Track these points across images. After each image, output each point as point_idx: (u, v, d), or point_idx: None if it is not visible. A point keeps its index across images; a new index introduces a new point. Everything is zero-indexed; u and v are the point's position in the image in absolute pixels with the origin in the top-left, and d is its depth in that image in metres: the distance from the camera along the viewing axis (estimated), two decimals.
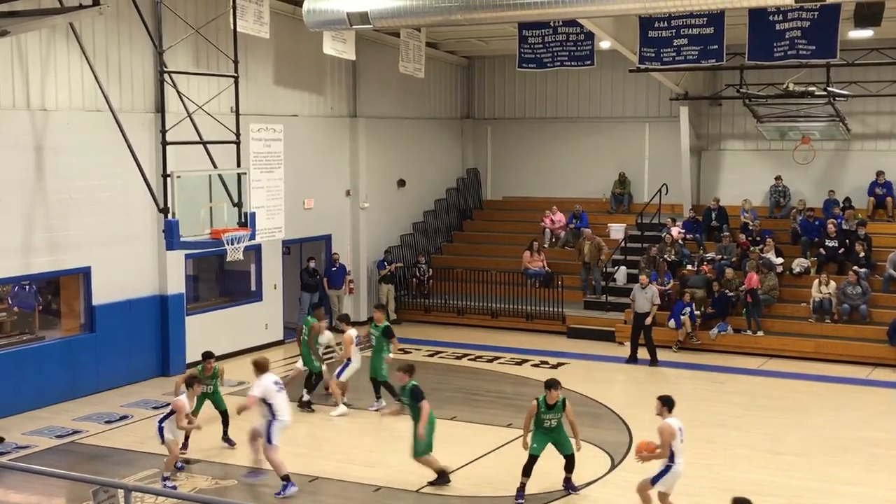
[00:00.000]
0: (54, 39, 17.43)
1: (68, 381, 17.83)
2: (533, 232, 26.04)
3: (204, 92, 18.58)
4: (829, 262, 22.78)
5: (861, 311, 21.34)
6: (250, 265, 21.83)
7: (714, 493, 13.46)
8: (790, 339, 21.40)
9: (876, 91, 23.82)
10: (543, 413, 12.99)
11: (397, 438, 15.96)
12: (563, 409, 13.05)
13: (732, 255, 23.29)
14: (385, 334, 17.28)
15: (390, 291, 25.00)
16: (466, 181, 28.83)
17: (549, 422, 13.04)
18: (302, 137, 22.78)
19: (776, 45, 18.62)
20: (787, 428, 16.46)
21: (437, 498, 13.38)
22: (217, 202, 15.91)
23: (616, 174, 26.99)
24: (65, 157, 17.68)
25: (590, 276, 24.36)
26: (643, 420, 16.60)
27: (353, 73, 24.48)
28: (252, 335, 21.68)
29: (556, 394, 12.92)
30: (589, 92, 27.59)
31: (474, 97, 29.17)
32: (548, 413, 13.00)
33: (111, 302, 18.60)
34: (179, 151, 16.89)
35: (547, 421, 13.02)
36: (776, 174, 25.28)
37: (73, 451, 15.36)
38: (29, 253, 17.23)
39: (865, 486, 13.87)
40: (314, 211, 23.36)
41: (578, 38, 20.75)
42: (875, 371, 20.18)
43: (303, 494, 13.46)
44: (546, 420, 13.01)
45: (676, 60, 19.66)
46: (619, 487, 13.73)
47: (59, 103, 17.71)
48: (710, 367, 20.48)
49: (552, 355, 21.47)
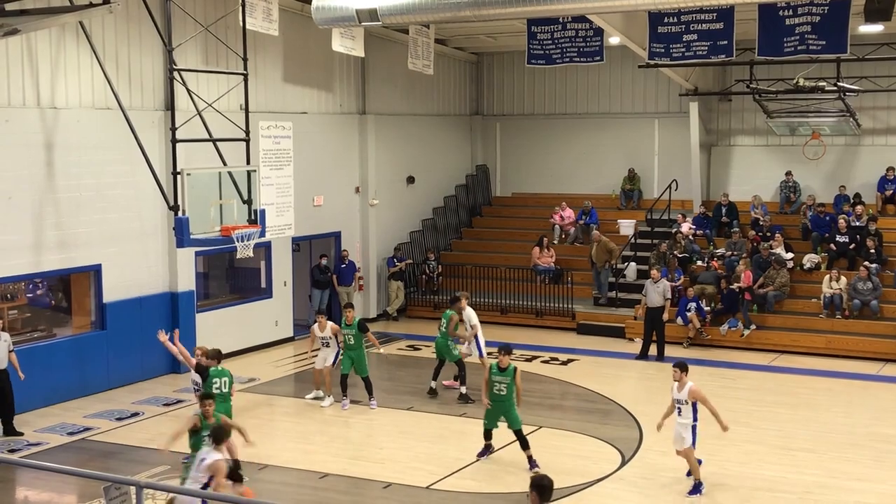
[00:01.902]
0: (64, 38, 17.47)
1: (79, 378, 17.89)
2: (542, 228, 26.01)
3: (213, 89, 18.61)
4: (839, 257, 22.72)
5: (872, 307, 21.29)
6: (260, 262, 21.86)
7: (725, 490, 13.45)
8: (801, 335, 21.35)
9: (886, 86, 23.75)
10: (494, 375, 13.90)
11: (407, 436, 16.00)
12: (514, 377, 13.81)
13: (742, 252, 23.25)
14: (360, 329, 17.28)
15: (400, 288, 25.02)
16: (475, 178, 28.83)
17: (499, 386, 13.89)
18: (311, 134, 22.80)
19: (786, 40, 18.57)
20: (797, 424, 16.42)
21: (447, 494, 13.39)
22: (227, 199, 15.93)
23: (626, 170, 26.94)
24: (75, 154, 17.72)
25: (599, 278, 24.10)
26: (653, 416, 16.59)
27: (362, 70, 24.49)
28: (262, 332, 21.72)
29: (506, 359, 13.89)
30: (598, 88, 27.55)
31: (483, 94, 29.16)
32: (498, 376, 13.89)
33: (122, 299, 18.65)
34: (189, 149, 16.91)
35: (496, 385, 13.89)
36: (786, 170, 25.21)
37: (85, 448, 15.41)
38: (40, 251, 17.29)
39: (876, 483, 13.83)
40: (324, 208, 23.38)
41: (587, 34, 20.71)
42: (886, 367, 20.12)
43: (312, 491, 13.49)
44: (496, 384, 13.89)
45: (686, 56, 19.62)
46: (630, 483, 13.73)
47: (69, 101, 17.75)
48: (720, 363, 20.45)
49: (562, 351, 21.46)
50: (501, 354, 13.96)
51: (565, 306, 23.88)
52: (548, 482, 8.43)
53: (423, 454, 14.93)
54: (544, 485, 8.41)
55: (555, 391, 18.20)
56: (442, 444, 15.42)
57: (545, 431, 15.56)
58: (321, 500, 13.25)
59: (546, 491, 8.38)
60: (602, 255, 24.01)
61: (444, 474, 13.96)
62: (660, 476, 13.95)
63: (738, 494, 13.34)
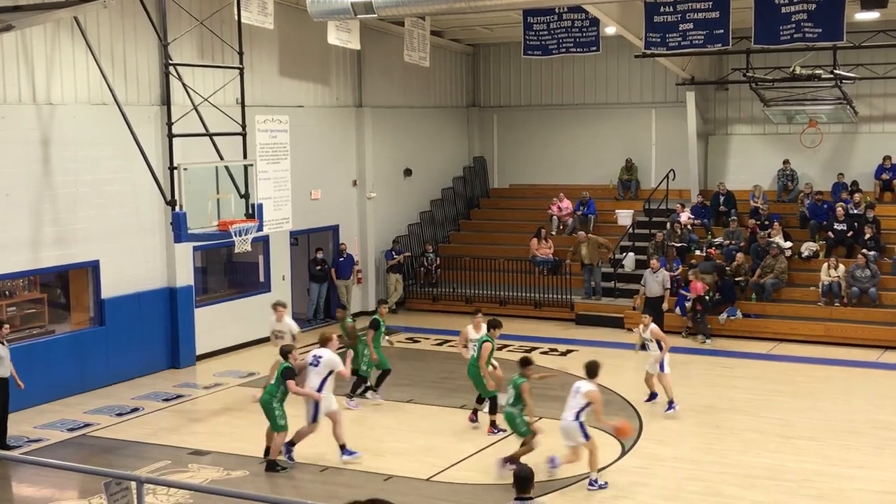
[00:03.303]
0: (59, 33, 17.43)
1: (79, 374, 17.89)
2: (540, 220, 26.02)
3: (209, 84, 18.56)
4: (837, 245, 22.72)
5: (870, 294, 21.30)
6: (258, 256, 21.84)
7: (725, 478, 13.47)
8: (799, 323, 21.37)
9: (883, 73, 23.74)
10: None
11: (408, 428, 16.01)
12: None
13: (741, 240, 23.25)
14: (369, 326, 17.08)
15: (398, 281, 25.03)
16: (473, 169, 28.81)
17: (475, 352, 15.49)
18: (308, 128, 22.77)
19: (782, 28, 18.53)
20: (796, 412, 16.44)
21: (447, 486, 13.40)
22: (224, 194, 15.91)
23: (623, 160, 26.93)
24: (71, 150, 17.70)
25: (592, 277, 23.88)
26: (652, 407, 16.62)
27: (358, 62, 24.45)
28: (261, 326, 21.66)
29: (496, 332, 15.72)
30: (595, 78, 27.52)
31: (479, 85, 29.13)
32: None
33: (120, 295, 18.64)
34: (186, 144, 16.86)
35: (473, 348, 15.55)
36: (784, 158, 25.21)
37: (85, 443, 15.42)
38: (37, 247, 17.27)
39: (875, 470, 13.85)
40: (321, 201, 23.37)
41: (584, 25, 20.68)
42: (885, 354, 20.14)
43: (314, 484, 13.50)
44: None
45: (682, 45, 19.58)
46: (630, 473, 13.74)
47: (65, 97, 17.72)
48: (719, 352, 20.47)
49: (561, 342, 21.47)
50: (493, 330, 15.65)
51: (564, 297, 23.89)
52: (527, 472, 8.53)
53: (424, 446, 14.95)
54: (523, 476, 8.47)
55: (554, 382, 18.19)
56: (442, 436, 15.43)
57: (544, 423, 15.52)
58: (321, 492, 13.25)
59: (525, 482, 8.45)
60: (595, 252, 23.78)
61: (445, 466, 13.97)
62: (659, 465, 13.96)
63: (738, 482, 13.36)
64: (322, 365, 14.03)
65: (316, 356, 14.13)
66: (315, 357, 14.13)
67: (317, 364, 14.04)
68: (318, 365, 14.04)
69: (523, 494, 8.43)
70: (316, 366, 14.04)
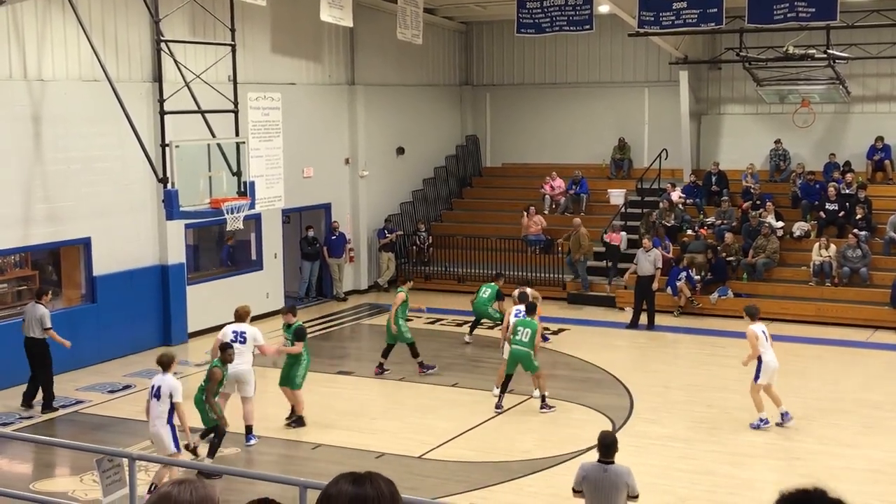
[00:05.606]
0: (50, 9, 17.33)
1: (70, 351, 17.81)
2: (533, 199, 26.00)
3: (201, 61, 18.49)
4: (829, 225, 22.77)
5: (861, 274, 21.37)
6: (250, 234, 21.81)
7: (716, 456, 13.55)
8: (790, 303, 21.43)
9: (876, 53, 23.69)
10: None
11: (399, 406, 16.06)
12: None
13: (732, 220, 23.28)
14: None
15: (391, 259, 25.02)
16: (465, 148, 28.76)
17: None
18: (300, 106, 22.70)
19: (776, 7, 18.52)
20: (787, 391, 16.44)
21: (438, 464, 13.45)
22: (216, 171, 15.89)
23: (616, 139, 26.91)
24: (62, 127, 17.63)
25: (577, 270, 23.49)
26: (644, 385, 16.69)
27: (351, 40, 24.35)
28: (253, 304, 21.60)
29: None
30: (588, 57, 27.45)
31: (473, 63, 29.04)
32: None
33: (112, 272, 18.62)
34: (178, 121, 16.82)
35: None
36: (776, 138, 25.21)
37: (77, 420, 15.44)
38: (28, 224, 17.23)
39: (864, 448, 13.94)
40: (313, 179, 23.32)
41: (577, 3, 20.60)
42: (876, 333, 20.23)
43: (306, 461, 13.54)
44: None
45: (676, 24, 19.57)
46: (621, 452, 13.72)
47: (56, 73, 17.63)
48: (710, 332, 20.52)
49: (553, 321, 21.47)
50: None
51: (556, 276, 23.91)
52: (612, 439, 9.42)
53: (415, 424, 15.00)
54: (608, 443, 9.32)
55: (545, 361, 18.24)
56: (433, 413, 15.48)
57: (537, 401, 15.61)
58: (313, 470, 13.28)
59: (609, 448, 9.30)
60: (577, 246, 23.35)
61: (436, 444, 14.02)
62: (650, 444, 14.03)
63: (727, 461, 13.43)
64: (248, 341, 14.17)
65: (237, 332, 14.17)
66: (237, 333, 14.14)
67: (244, 341, 14.09)
68: (244, 342, 14.12)
69: (607, 458, 9.15)
70: (243, 342, 14.09)
